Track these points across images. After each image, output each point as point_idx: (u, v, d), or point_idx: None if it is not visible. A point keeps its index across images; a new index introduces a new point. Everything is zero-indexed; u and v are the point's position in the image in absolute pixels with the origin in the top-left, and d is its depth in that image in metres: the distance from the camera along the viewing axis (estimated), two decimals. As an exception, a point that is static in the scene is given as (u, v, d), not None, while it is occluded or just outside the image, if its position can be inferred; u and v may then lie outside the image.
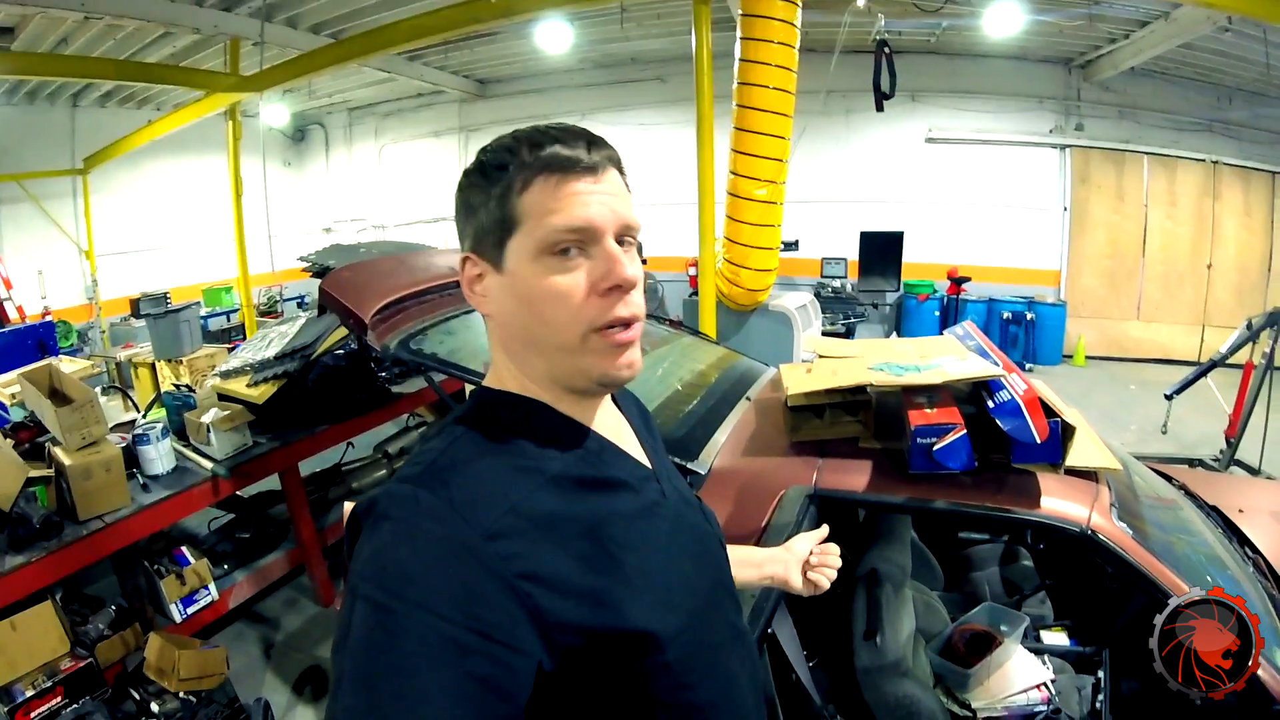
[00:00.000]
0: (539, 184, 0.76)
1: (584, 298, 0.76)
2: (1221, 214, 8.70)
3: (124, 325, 9.34)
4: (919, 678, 1.94)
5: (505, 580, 0.66)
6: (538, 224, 0.75)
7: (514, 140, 0.78)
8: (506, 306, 0.79)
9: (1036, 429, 1.57)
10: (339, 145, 13.01)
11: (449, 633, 0.61)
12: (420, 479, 0.72)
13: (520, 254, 0.76)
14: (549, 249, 0.75)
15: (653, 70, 10.13)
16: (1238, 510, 2.40)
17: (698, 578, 0.86)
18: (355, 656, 0.61)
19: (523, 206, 0.76)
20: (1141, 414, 6.66)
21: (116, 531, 2.74)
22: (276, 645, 3.49)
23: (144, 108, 10.12)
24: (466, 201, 0.81)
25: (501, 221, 0.77)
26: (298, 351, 3.53)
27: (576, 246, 0.76)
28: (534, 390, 0.82)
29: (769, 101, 4.98)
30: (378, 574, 0.65)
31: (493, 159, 0.79)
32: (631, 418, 0.98)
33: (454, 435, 0.79)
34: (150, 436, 3.03)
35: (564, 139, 0.77)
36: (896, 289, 9.36)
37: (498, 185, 0.77)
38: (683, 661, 0.77)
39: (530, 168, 0.76)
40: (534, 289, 0.76)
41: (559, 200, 0.75)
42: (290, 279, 11.08)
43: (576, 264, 0.76)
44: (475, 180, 0.80)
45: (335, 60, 6.77)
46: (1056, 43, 8.20)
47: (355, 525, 0.72)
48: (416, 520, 0.67)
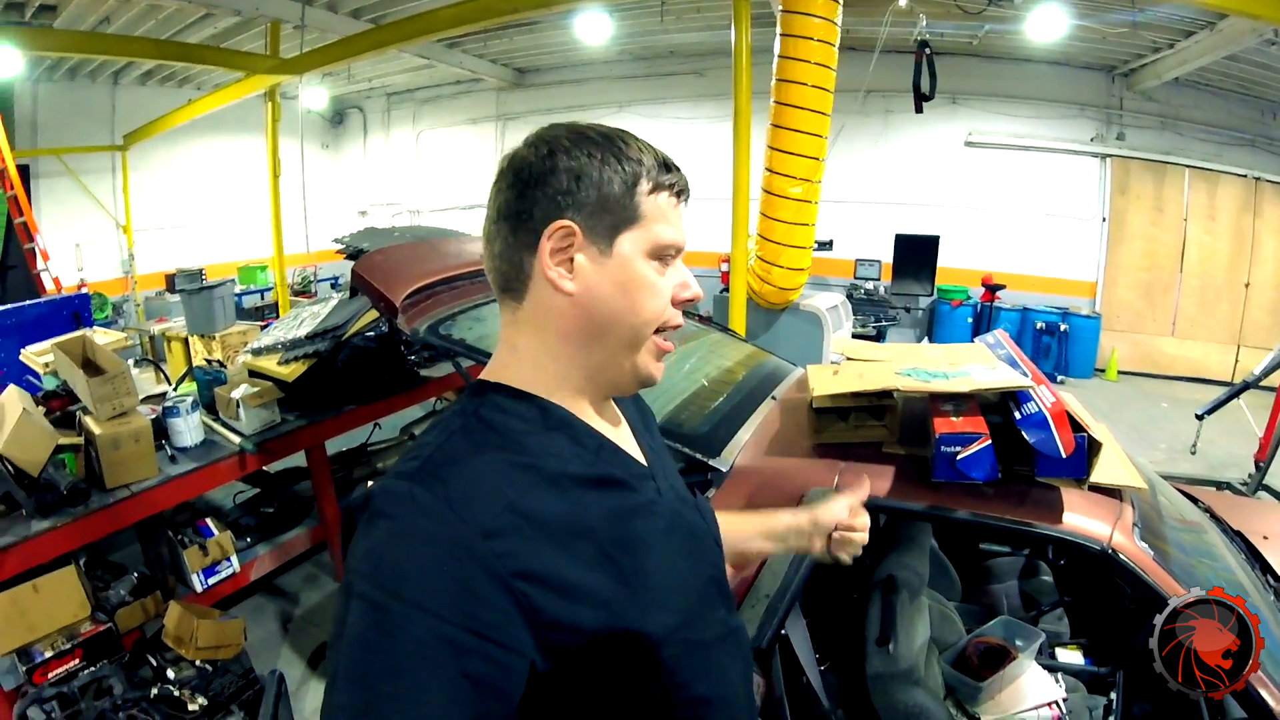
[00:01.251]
0: (662, 196, 0.84)
1: (669, 300, 0.85)
2: (1262, 231, 8.48)
3: (158, 300, 9.47)
4: (930, 688, 1.93)
5: (501, 579, 0.66)
6: (653, 228, 0.83)
7: (633, 140, 0.84)
8: (601, 289, 0.81)
9: (1062, 443, 1.56)
10: (377, 129, 13.12)
11: (444, 632, 0.62)
12: (416, 475, 0.72)
13: (633, 245, 0.82)
14: (656, 254, 0.84)
15: (691, 64, 10.08)
16: (1263, 537, 2.36)
17: (692, 576, 0.87)
18: (350, 655, 0.62)
19: (646, 207, 0.82)
20: (1171, 432, 6.54)
21: (142, 501, 2.79)
22: (295, 619, 3.55)
23: (184, 87, 10.29)
24: (578, 170, 0.80)
25: (626, 208, 0.81)
26: (329, 332, 3.57)
27: (670, 259, 0.86)
28: (558, 382, 0.84)
29: (807, 99, 4.95)
30: (373, 572, 0.65)
31: (616, 145, 0.82)
32: (629, 415, 0.98)
33: (450, 430, 0.79)
34: (180, 410, 3.08)
35: (678, 169, 0.87)
36: (930, 293, 9.23)
37: (630, 172, 0.82)
38: (677, 659, 0.78)
39: (658, 179, 0.83)
40: (642, 279, 0.83)
41: (670, 216, 0.85)
42: (325, 260, 11.22)
43: (664, 272, 0.85)
44: (594, 152, 0.81)
45: (374, 45, 6.83)
46: (1099, 50, 8.03)
47: (351, 521, 0.72)
48: (412, 518, 0.68)
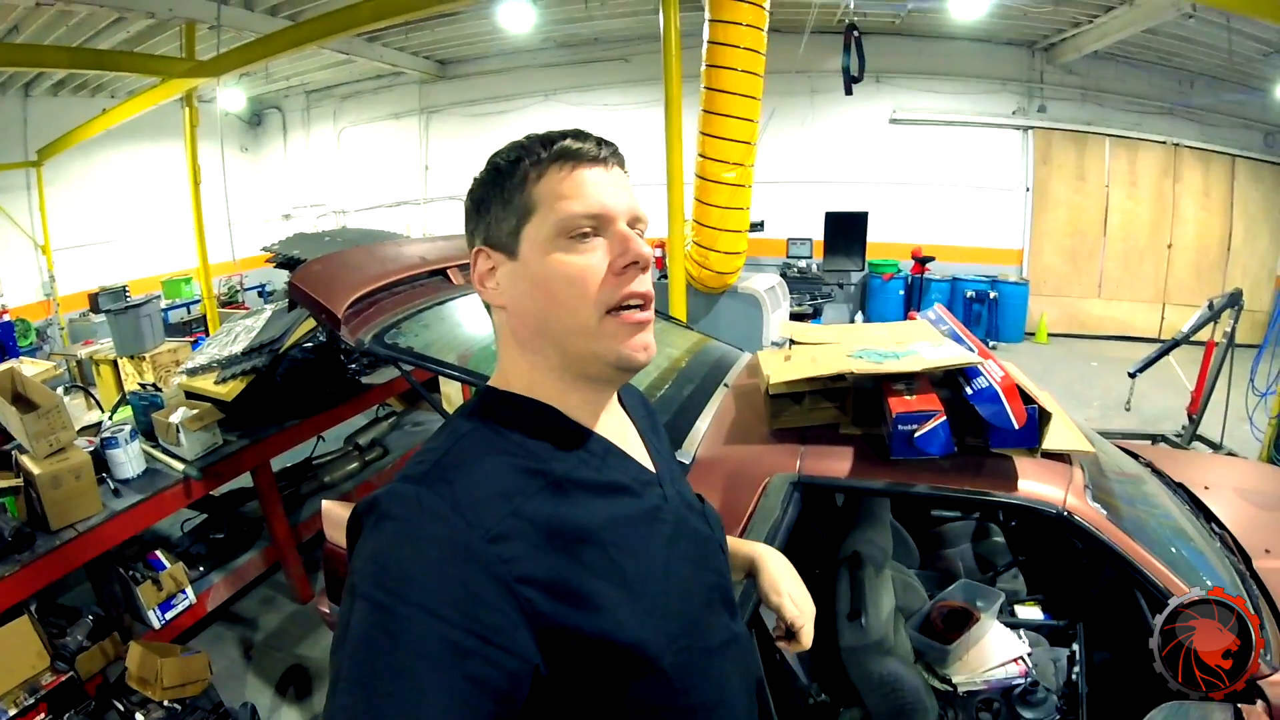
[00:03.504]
0: (552, 173, 0.79)
1: (600, 278, 0.78)
2: (1181, 195, 8.94)
3: (83, 321, 9.08)
4: (901, 655, 1.98)
5: (505, 583, 0.66)
6: (551, 210, 0.78)
7: (525, 140, 0.82)
8: (521, 293, 0.80)
9: (1015, 415, 1.61)
10: (297, 129, 12.71)
11: (448, 635, 0.62)
12: (424, 479, 0.72)
13: (535, 240, 0.79)
14: (565, 233, 0.78)
15: (617, 50, 10.05)
16: (1204, 487, 2.48)
17: (695, 583, 0.86)
18: (354, 656, 0.62)
19: (537, 194, 0.79)
20: (1103, 389, 6.85)
21: (90, 540, 2.69)
22: (257, 646, 3.44)
23: (98, 96, 9.79)
24: (477, 200, 0.83)
25: (515, 211, 0.80)
26: (265, 346, 3.47)
27: (591, 230, 0.79)
28: (542, 388, 0.83)
29: (737, 84, 4.97)
30: (378, 574, 0.65)
31: (505, 156, 0.82)
32: (637, 419, 0.98)
33: (458, 434, 0.79)
34: (119, 440, 2.96)
35: (573, 135, 0.81)
36: (861, 269, 9.46)
37: (511, 179, 0.80)
38: (677, 666, 0.78)
39: (543, 159, 0.79)
40: (550, 272, 0.78)
41: (573, 187, 0.79)
42: (250, 268, 10.83)
43: (591, 246, 0.79)
44: (487, 178, 0.83)
45: (294, 43, 6.58)
46: (1021, 26, 8.30)
47: (357, 523, 0.72)
48: (419, 521, 0.68)
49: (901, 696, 1.87)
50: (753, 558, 1.14)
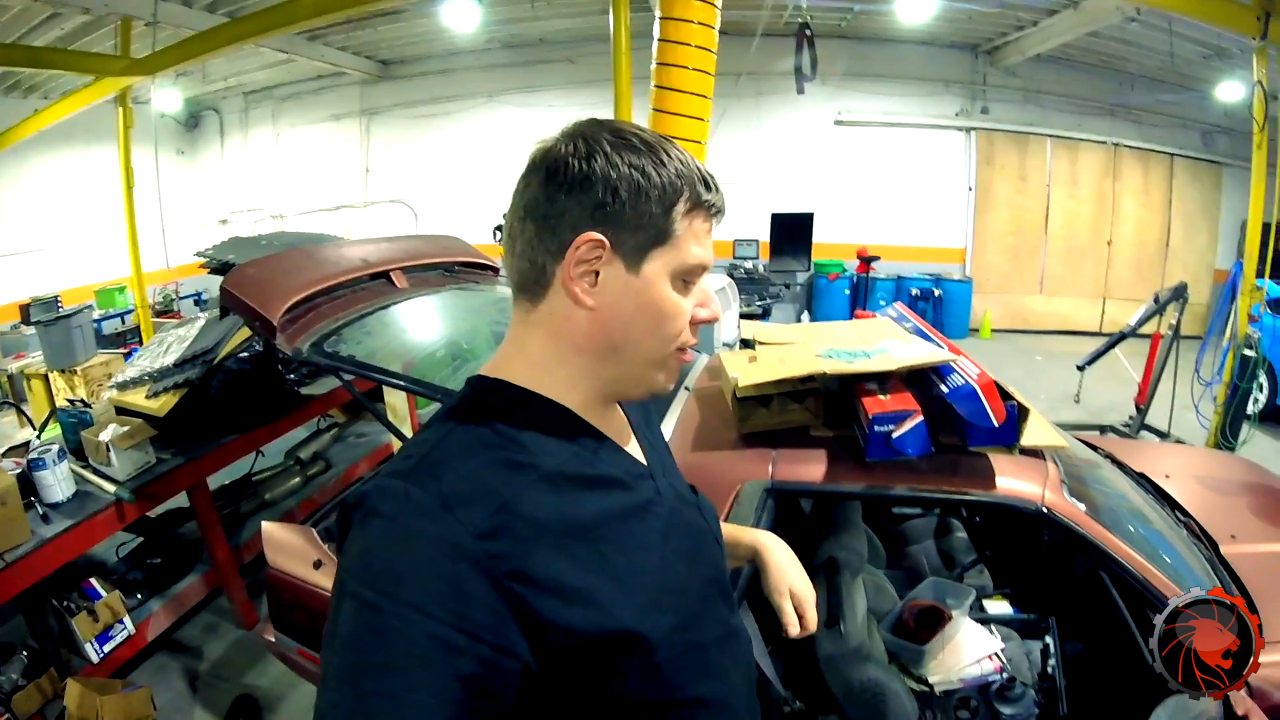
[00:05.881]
0: (699, 216, 0.81)
1: (687, 323, 0.83)
2: (1122, 193, 9.27)
3: (14, 334, 8.54)
4: (878, 659, 1.93)
5: (495, 580, 0.66)
6: (684, 249, 0.80)
7: (686, 166, 0.79)
8: (623, 308, 0.79)
9: (994, 413, 1.58)
10: (234, 131, 12.26)
11: (437, 632, 0.62)
12: (412, 474, 0.71)
13: (662, 267, 0.79)
14: (684, 275, 0.81)
15: (562, 51, 9.98)
16: (1164, 476, 2.51)
17: (690, 577, 0.85)
18: (343, 654, 0.62)
19: (678, 228, 0.79)
20: (1049, 383, 7.02)
21: (20, 570, 2.50)
22: (202, 676, 3.24)
23: (30, 96, 9.32)
24: (616, 181, 0.76)
25: (653, 229, 0.78)
26: (199, 357, 3.29)
27: (697, 279, 0.83)
28: (565, 386, 0.82)
29: (689, 83, 4.91)
30: (366, 571, 0.65)
31: (660, 158, 0.78)
32: (630, 412, 0.97)
33: (447, 428, 0.78)
34: (46, 461, 2.75)
35: (718, 188, 0.83)
36: (807, 269, 9.57)
37: (664, 197, 0.77)
38: (673, 661, 0.77)
39: (697, 199, 0.80)
40: (665, 301, 0.80)
41: (702, 238, 0.82)
42: (186, 275, 10.41)
43: (691, 294, 0.83)
44: (639, 164, 0.76)
45: (232, 40, 6.35)
46: (965, 29, 8.50)
47: (345, 518, 0.71)
48: (407, 517, 0.67)
49: (883, 703, 1.82)
50: (755, 548, 1.15)
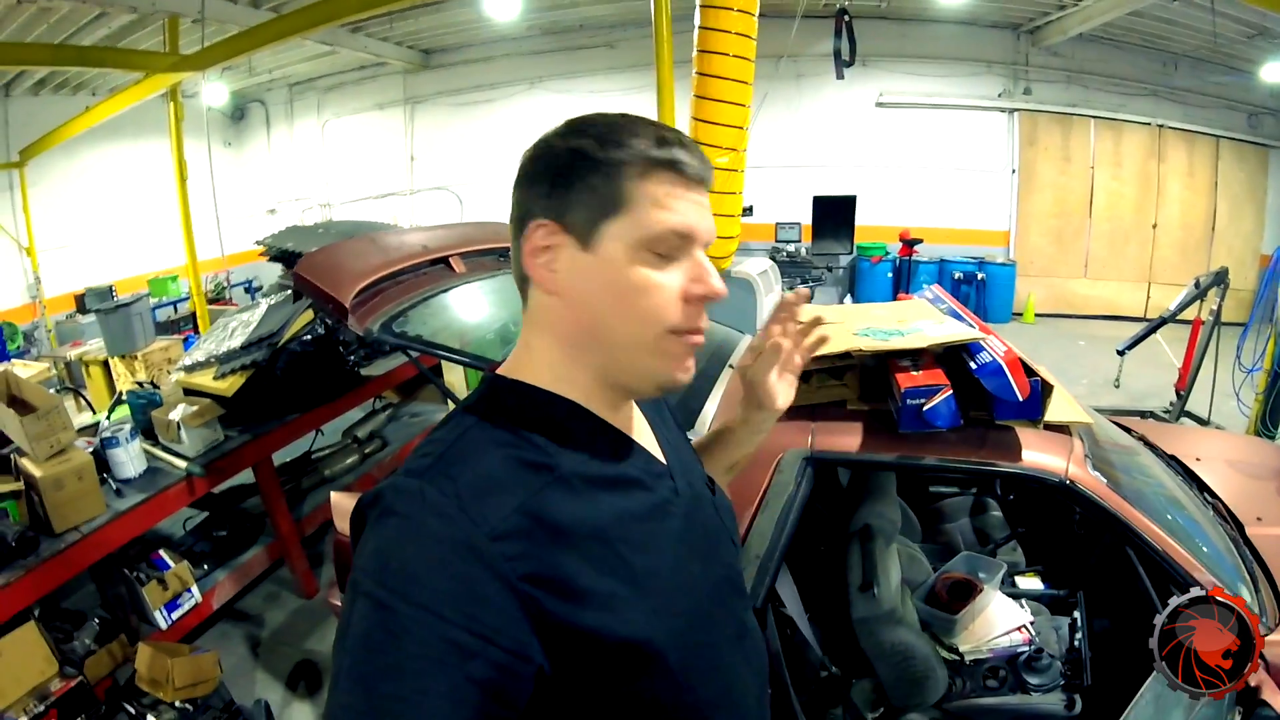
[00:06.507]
0: (656, 178, 0.74)
1: (674, 302, 0.76)
2: (1166, 176, 9.03)
3: (70, 323, 8.97)
4: (910, 625, 2.03)
5: (509, 582, 0.64)
6: (645, 216, 0.73)
7: (629, 123, 0.76)
8: (585, 290, 0.76)
9: (1019, 387, 1.65)
10: (280, 122, 12.55)
11: (450, 635, 0.60)
12: (428, 473, 0.70)
13: (619, 239, 0.74)
14: (651, 245, 0.74)
15: (602, 36, 10.01)
16: (1195, 459, 2.55)
17: (704, 577, 0.84)
18: (355, 655, 0.61)
19: (633, 193, 0.73)
20: (1090, 367, 6.95)
21: (94, 541, 2.65)
22: (264, 642, 3.43)
23: (80, 94, 9.60)
24: (556, 169, 0.75)
25: (602, 199, 0.73)
26: (264, 339, 3.45)
27: (676, 250, 0.76)
28: (568, 383, 0.80)
29: (730, 69, 4.96)
30: (380, 571, 0.64)
31: (607, 131, 0.74)
32: (646, 409, 0.95)
33: (464, 426, 0.76)
34: (119, 439, 2.92)
35: (686, 145, 0.76)
36: (850, 252, 9.51)
37: (606, 162, 0.73)
38: (684, 663, 0.76)
39: (652, 160, 0.74)
40: (631, 281, 0.74)
41: (674, 201, 0.75)
42: (236, 263, 10.73)
43: (672, 266, 0.76)
44: (579, 143, 0.74)
45: (279, 35, 6.50)
46: (1006, 8, 8.34)
47: (360, 516, 0.70)
48: (422, 517, 0.66)
49: (913, 664, 1.92)
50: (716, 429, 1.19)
